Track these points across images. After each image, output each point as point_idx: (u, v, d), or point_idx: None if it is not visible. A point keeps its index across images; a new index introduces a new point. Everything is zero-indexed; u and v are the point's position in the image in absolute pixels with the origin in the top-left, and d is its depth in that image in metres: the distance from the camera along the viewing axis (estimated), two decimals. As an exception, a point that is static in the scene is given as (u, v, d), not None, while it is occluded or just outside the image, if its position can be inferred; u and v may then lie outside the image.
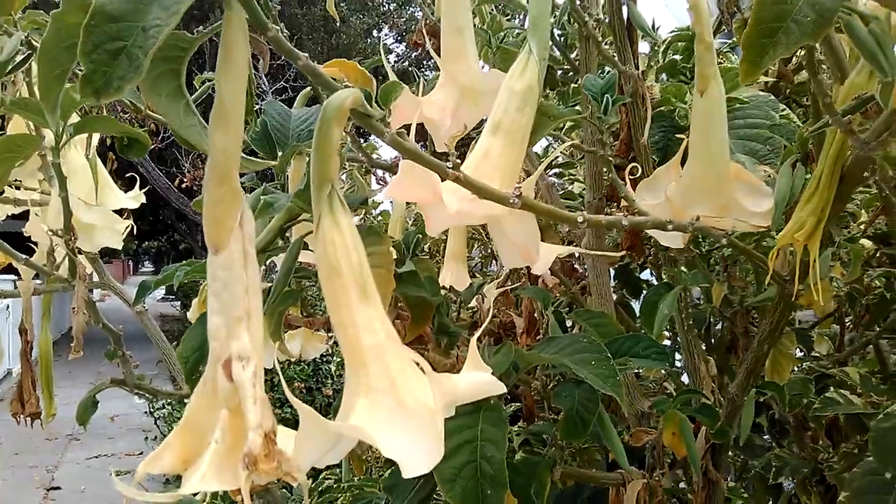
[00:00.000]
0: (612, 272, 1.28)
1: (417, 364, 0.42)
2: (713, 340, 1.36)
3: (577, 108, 1.05)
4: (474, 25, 0.87)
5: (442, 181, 0.54)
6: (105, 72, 0.36)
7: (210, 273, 0.39)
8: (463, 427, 0.62)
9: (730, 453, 1.29)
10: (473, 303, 1.10)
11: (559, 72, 1.34)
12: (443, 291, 0.91)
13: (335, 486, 1.49)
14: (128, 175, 1.36)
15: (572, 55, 1.22)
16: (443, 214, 0.59)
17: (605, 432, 0.68)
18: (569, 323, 1.02)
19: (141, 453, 6.22)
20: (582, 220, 0.58)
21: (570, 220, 0.56)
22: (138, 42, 0.36)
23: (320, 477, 1.65)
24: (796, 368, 1.34)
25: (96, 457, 6.55)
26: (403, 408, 0.40)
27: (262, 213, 0.68)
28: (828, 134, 0.66)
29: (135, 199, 1.29)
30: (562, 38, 1.23)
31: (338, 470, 1.65)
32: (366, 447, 1.29)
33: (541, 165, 0.64)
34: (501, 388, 0.44)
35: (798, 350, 1.34)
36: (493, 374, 0.46)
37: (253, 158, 0.73)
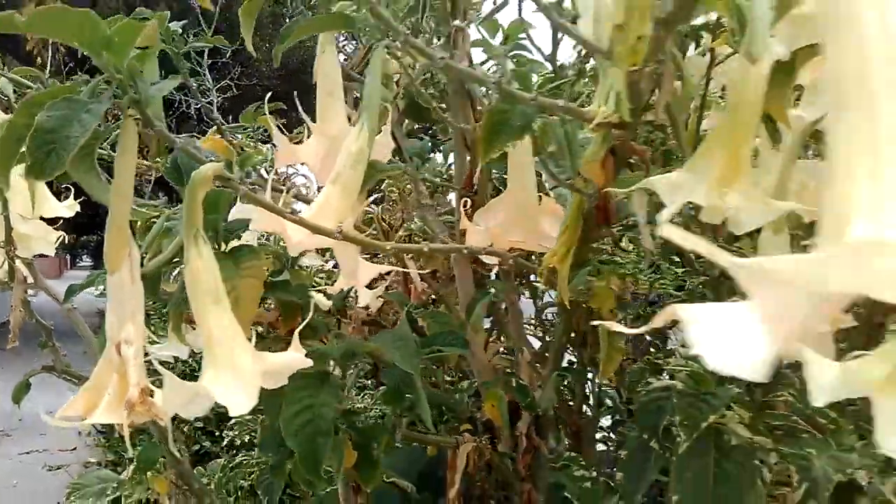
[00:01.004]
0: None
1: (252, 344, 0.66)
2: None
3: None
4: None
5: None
6: (42, 163, 0.59)
7: (108, 287, 0.62)
8: (308, 396, 0.86)
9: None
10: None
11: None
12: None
13: (245, 462, 1.70)
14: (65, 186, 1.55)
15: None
16: (292, 242, 0.83)
17: (419, 403, 0.93)
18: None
19: (74, 448, 6.25)
20: (390, 247, 0.82)
21: (380, 248, 0.81)
22: (63, 146, 0.58)
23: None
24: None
25: (28, 452, 6.55)
26: (236, 373, 0.64)
27: (164, 236, 0.90)
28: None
29: (69, 208, 1.48)
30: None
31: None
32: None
33: (361, 205, 0.88)
34: (305, 363, 0.68)
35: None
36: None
37: (140, 210, 0.95)
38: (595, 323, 0.59)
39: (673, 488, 0.98)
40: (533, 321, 1.75)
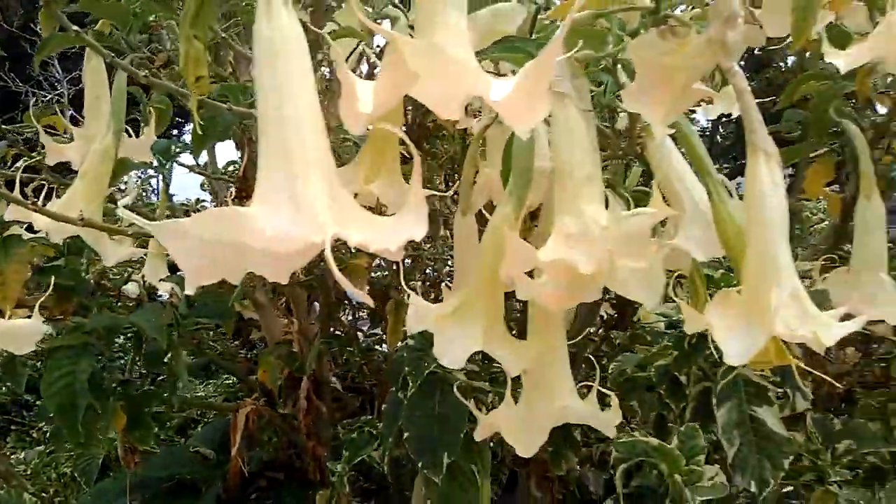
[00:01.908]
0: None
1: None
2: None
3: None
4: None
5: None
6: None
7: None
8: (69, 363, 0.99)
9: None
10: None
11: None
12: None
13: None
14: None
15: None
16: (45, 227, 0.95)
17: (177, 366, 1.07)
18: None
19: None
20: (131, 232, 0.96)
21: (122, 232, 0.95)
22: None
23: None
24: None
25: None
26: None
27: None
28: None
29: None
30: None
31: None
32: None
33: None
34: (41, 329, 0.81)
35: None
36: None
37: None
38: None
39: (405, 427, 1.18)
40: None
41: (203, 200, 1.59)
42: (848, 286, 0.96)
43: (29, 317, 0.86)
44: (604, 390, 0.80)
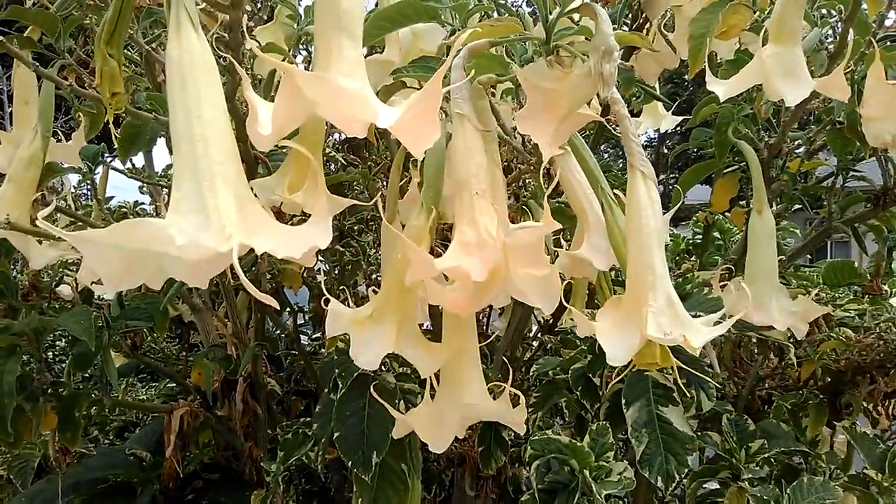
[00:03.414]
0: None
1: None
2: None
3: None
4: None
5: None
6: None
7: None
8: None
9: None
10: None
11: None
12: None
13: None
14: None
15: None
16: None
17: (107, 368, 1.09)
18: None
19: None
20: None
21: (48, 236, 0.97)
22: None
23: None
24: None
25: None
26: None
27: None
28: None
29: None
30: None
31: None
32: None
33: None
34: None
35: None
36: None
37: None
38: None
39: (336, 427, 1.22)
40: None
41: (141, 203, 1.60)
42: (741, 293, 1.04)
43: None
44: (516, 391, 0.86)
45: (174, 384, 1.82)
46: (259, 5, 1.22)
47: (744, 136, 1.13)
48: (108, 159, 1.21)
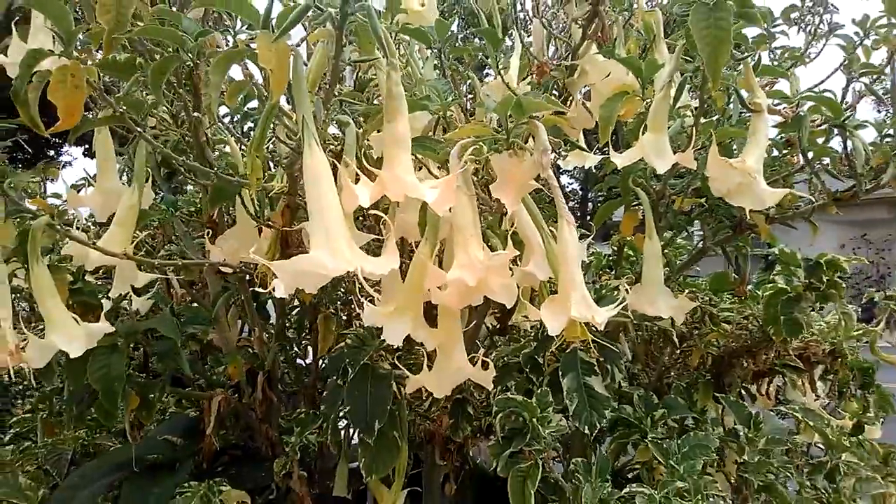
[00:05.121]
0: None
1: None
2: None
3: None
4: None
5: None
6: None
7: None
8: (104, 358, 1.36)
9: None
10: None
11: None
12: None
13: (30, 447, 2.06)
14: None
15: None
16: (91, 260, 1.33)
17: (181, 361, 1.46)
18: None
19: None
20: (157, 262, 1.36)
21: (149, 264, 1.34)
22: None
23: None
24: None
25: None
26: (69, 333, 1.15)
27: None
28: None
29: None
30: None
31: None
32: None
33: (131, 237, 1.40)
34: (109, 329, 1.20)
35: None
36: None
37: None
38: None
39: (347, 403, 1.61)
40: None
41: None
42: (638, 294, 1.50)
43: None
44: (485, 360, 1.28)
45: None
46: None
47: (639, 183, 1.60)
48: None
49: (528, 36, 2.03)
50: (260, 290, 1.07)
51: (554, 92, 1.87)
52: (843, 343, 2.03)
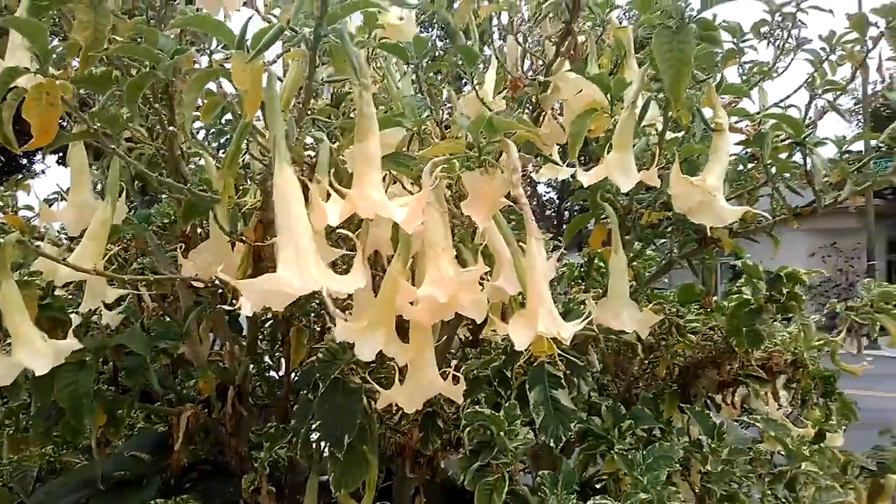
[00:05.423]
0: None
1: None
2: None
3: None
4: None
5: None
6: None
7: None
8: (72, 374, 1.35)
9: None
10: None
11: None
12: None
13: (-5, 463, 2.02)
14: None
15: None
16: (61, 276, 1.32)
17: (149, 375, 1.45)
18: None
19: None
20: (128, 278, 1.36)
21: (119, 279, 1.34)
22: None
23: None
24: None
25: None
26: (36, 350, 1.14)
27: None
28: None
29: None
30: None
31: None
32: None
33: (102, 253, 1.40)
34: (78, 345, 1.19)
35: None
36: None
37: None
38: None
39: (318, 417, 1.62)
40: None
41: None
42: (604, 308, 1.53)
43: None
44: (456, 374, 1.29)
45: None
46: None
47: (606, 198, 1.64)
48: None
49: (505, 49, 2.07)
50: (228, 307, 1.07)
51: (528, 107, 1.91)
52: (804, 353, 2.08)
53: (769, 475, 1.95)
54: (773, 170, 1.59)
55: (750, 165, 1.86)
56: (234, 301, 1.65)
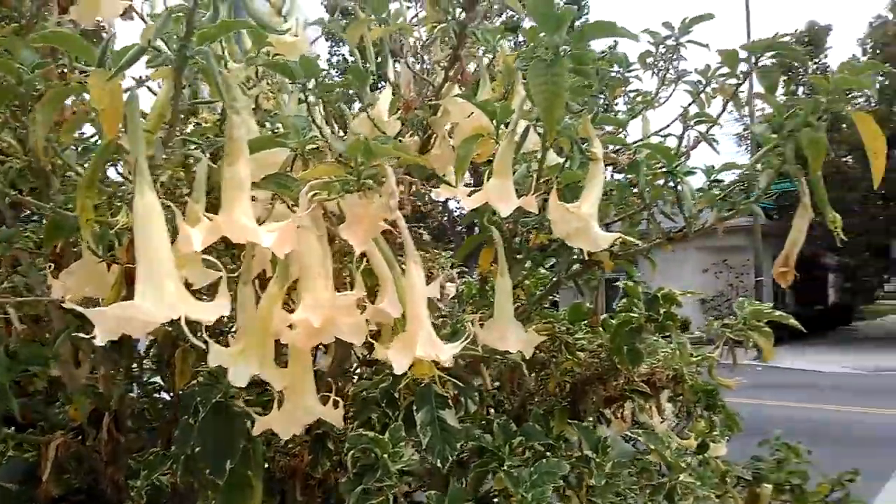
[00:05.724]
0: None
1: None
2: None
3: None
4: None
5: None
6: None
7: None
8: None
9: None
10: None
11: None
12: None
13: None
14: None
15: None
16: None
17: (8, 400, 1.36)
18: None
19: None
20: (-15, 300, 1.27)
21: (-24, 301, 1.25)
22: None
23: None
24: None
25: None
26: None
27: None
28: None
29: None
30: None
31: None
32: None
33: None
34: None
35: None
36: None
37: None
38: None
39: (198, 443, 1.56)
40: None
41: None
42: (490, 329, 1.56)
43: None
44: (337, 398, 1.28)
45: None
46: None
47: (493, 221, 1.67)
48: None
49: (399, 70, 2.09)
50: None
51: (420, 129, 1.93)
52: (683, 369, 2.19)
53: (649, 487, 2.03)
54: (649, 197, 1.67)
55: (635, 190, 1.95)
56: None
